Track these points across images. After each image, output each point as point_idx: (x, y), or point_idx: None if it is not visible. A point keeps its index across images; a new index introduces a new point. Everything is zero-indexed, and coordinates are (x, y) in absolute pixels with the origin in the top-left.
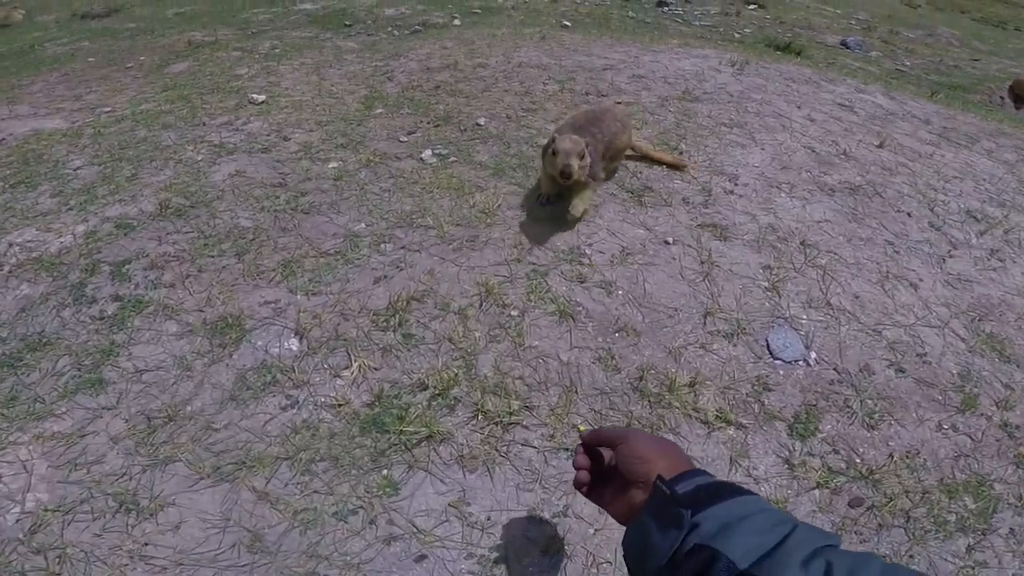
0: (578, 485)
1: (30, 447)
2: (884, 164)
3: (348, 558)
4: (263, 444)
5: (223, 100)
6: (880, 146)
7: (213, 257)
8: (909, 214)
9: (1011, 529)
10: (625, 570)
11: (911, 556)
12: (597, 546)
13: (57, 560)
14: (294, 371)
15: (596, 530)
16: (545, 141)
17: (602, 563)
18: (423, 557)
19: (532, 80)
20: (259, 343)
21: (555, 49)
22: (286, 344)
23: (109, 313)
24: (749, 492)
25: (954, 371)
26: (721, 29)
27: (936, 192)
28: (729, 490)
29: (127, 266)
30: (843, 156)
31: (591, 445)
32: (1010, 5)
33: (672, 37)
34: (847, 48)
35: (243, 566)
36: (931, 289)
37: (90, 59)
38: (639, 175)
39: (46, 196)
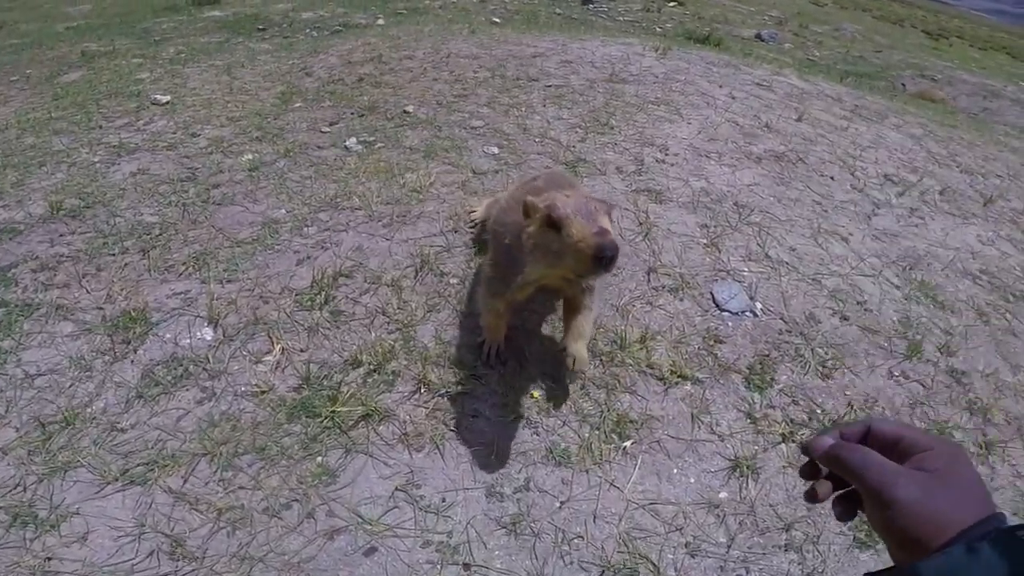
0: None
1: None
2: (804, 135)
3: (286, 557)
4: (177, 441)
5: (122, 103)
6: (799, 120)
7: (114, 255)
8: (832, 178)
9: None
10: (599, 544)
11: None
12: (565, 520)
13: None
14: (208, 361)
15: (562, 503)
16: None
17: (573, 538)
18: (373, 550)
19: (462, 68)
20: (167, 335)
21: (485, 41)
22: (198, 334)
23: None
24: None
25: (895, 318)
26: (643, 24)
27: (854, 159)
28: None
29: (13, 270)
30: (765, 128)
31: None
32: (906, 5)
33: (598, 31)
34: (762, 40)
35: (165, 575)
36: (861, 242)
37: None
38: (572, 149)
39: None
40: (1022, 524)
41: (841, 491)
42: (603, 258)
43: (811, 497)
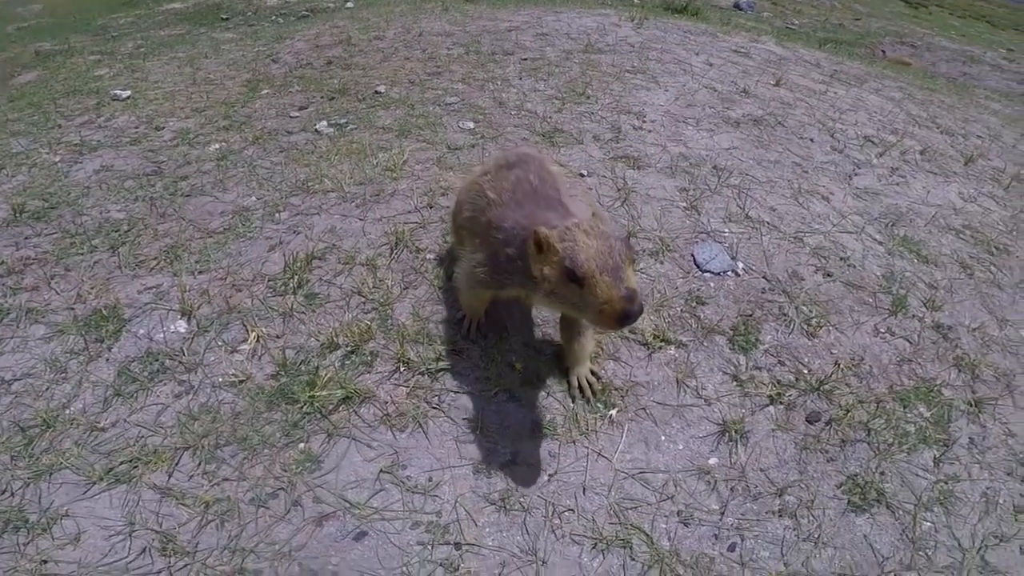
0: None
1: None
2: (783, 100)
3: (277, 547)
4: (158, 437)
5: (81, 101)
6: (777, 85)
7: (82, 255)
8: (812, 140)
9: (970, 438)
10: (590, 516)
11: (882, 473)
12: (555, 494)
13: None
14: (184, 354)
15: (551, 476)
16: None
17: (564, 511)
18: (363, 534)
19: (435, 47)
20: (141, 331)
21: (458, 18)
22: (172, 327)
23: None
24: None
25: (878, 273)
26: None
27: (834, 122)
28: None
29: None
30: (743, 93)
31: None
32: None
33: (574, 3)
34: (740, 9)
35: (159, 572)
36: (842, 201)
37: None
38: (548, 120)
39: None
40: None
41: None
42: (627, 322)
43: None
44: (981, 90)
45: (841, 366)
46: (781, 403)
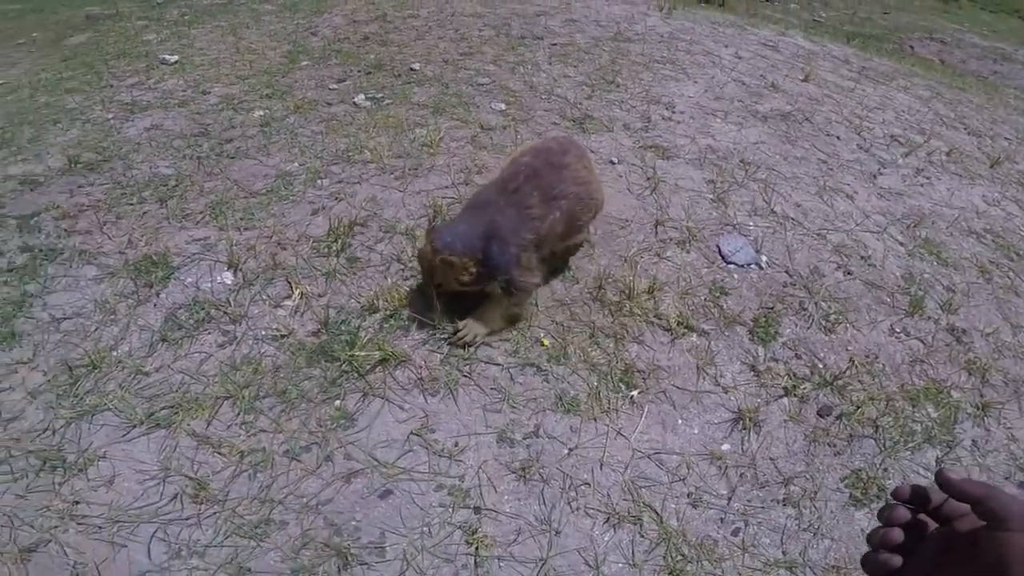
0: (885, 545)
1: None
2: (810, 95)
3: (305, 500)
4: (200, 385)
5: (131, 64)
6: (805, 80)
7: (132, 204)
8: (838, 137)
9: (973, 440)
10: (605, 491)
11: (885, 469)
12: (573, 467)
13: None
14: (230, 305)
15: (570, 450)
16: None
17: (580, 485)
18: (388, 492)
19: (467, 27)
20: (189, 280)
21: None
22: (219, 278)
23: (19, 264)
24: None
25: (898, 273)
26: None
27: (861, 120)
28: None
29: (36, 218)
30: (771, 88)
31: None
32: None
33: None
34: (768, 1)
35: (188, 518)
36: (866, 200)
37: None
38: (579, 106)
39: None
40: None
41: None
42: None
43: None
44: (1012, 89)
45: (855, 363)
46: (795, 395)
